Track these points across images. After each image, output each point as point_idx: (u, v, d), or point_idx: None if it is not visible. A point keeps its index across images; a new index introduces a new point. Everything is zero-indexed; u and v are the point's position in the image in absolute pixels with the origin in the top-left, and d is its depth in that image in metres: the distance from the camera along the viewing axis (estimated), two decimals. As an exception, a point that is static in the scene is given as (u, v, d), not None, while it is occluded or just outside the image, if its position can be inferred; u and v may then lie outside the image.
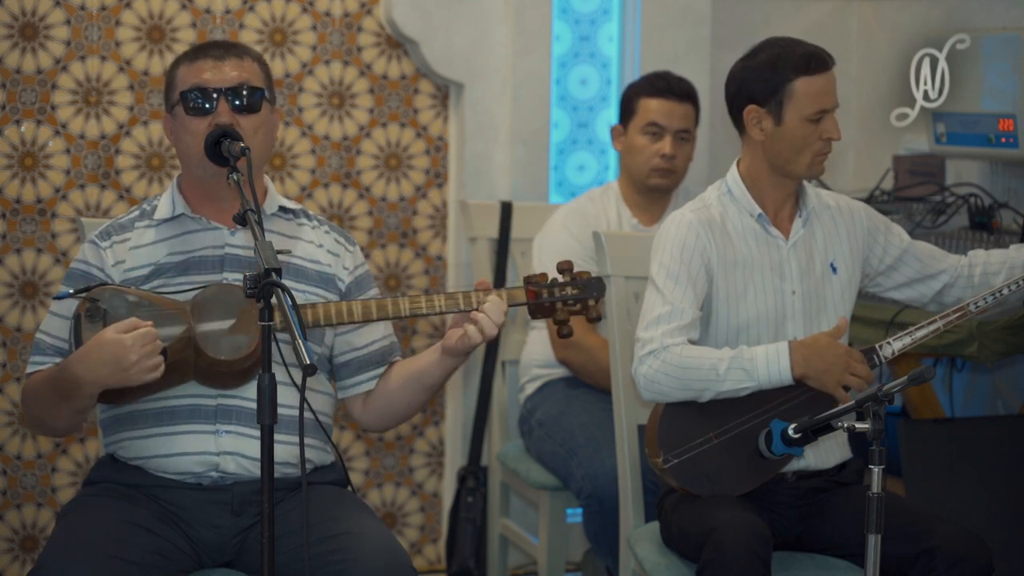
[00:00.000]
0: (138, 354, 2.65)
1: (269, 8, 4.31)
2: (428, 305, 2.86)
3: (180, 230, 2.93)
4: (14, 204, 4.11)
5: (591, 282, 2.93)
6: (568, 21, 4.56)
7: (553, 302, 2.91)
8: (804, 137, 2.98)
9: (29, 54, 4.09)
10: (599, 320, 2.96)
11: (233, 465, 2.83)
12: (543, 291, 2.91)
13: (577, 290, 2.92)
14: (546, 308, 2.92)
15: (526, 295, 2.91)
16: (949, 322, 2.99)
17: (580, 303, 2.92)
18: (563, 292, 2.91)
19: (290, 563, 2.73)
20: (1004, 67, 3.80)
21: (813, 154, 2.99)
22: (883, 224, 3.15)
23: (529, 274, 2.96)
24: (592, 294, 2.92)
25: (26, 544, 4.18)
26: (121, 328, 2.66)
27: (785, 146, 3.00)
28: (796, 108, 2.98)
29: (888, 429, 3.48)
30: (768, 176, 3.05)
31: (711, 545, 2.78)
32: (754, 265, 3.03)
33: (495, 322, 2.84)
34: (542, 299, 2.91)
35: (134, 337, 2.65)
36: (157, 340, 2.67)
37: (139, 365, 2.65)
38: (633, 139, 3.98)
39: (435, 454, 4.60)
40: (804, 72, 2.97)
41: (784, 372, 2.91)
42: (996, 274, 3.12)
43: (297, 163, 4.38)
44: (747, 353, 2.92)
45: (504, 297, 2.88)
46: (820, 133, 2.99)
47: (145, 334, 2.66)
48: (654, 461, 2.96)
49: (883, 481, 2.60)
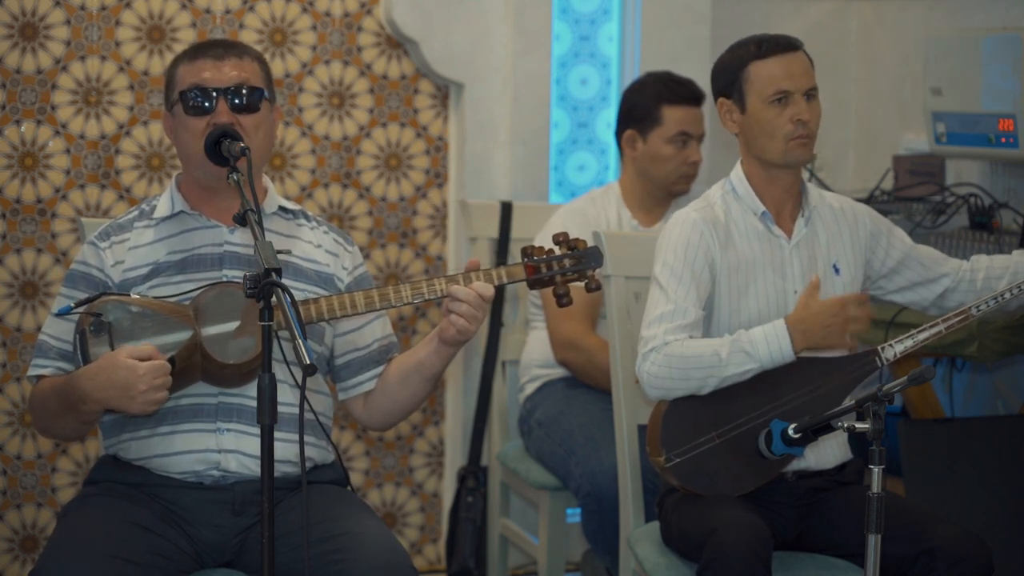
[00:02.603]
0: (147, 385, 2.67)
1: (269, 8, 4.31)
2: (430, 290, 2.85)
3: (179, 228, 2.93)
4: (14, 204, 4.11)
5: (588, 252, 2.93)
6: (568, 21, 4.56)
7: (552, 275, 2.91)
8: (770, 121, 2.99)
9: (29, 54, 4.09)
10: (598, 289, 2.95)
11: (234, 463, 2.83)
12: (541, 266, 2.91)
13: (575, 261, 2.92)
14: (545, 281, 2.92)
15: (525, 271, 2.91)
16: (951, 325, 2.99)
17: (578, 274, 2.92)
18: (561, 265, 2.91)
19: (290, 563, 2.73)
20: (1004, 67, 3.80)
21: (785, 138, 2.99)
22: (886, 227, 3.15)
23: (526, 246, 2.95)
24: (590, 264, 2.93)
25: (26, 544, 4.18)
26: (136, 354, 2.68)
27: (755, 132, 3.01)
28: (755, 92, 3.00)
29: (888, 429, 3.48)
30: (761, 171, 3.05)
31: (712, 545, 2.78)
32: (756, 265, 3.03)
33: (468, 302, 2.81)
34: (541, 274, 2.91)
35: (147, 368, 2.66)
36: (167, 376, 2.69)
37: (144, 396, 2.67)
38: (658, 148, 3.97)
39: (435, 454, 4.60)
40: (757, 56, 3.00)
41: (786, 351, 2.92)
42: (999, 279, 3.12)
43: (297, 163, 4.38)
44: (746, 336, 2.93)
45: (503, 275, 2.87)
46: (788, 115, 2.99)
47: (158, 367, 2.68)
48: (656, 460, 2.96)
49: (883, 481, 2.60)
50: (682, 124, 3.95)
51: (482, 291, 2.83)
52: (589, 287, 2.93)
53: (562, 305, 2.91)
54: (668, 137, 3.97)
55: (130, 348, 2.69)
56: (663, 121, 3.96)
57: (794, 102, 2.99)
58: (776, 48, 3.00)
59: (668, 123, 3.96)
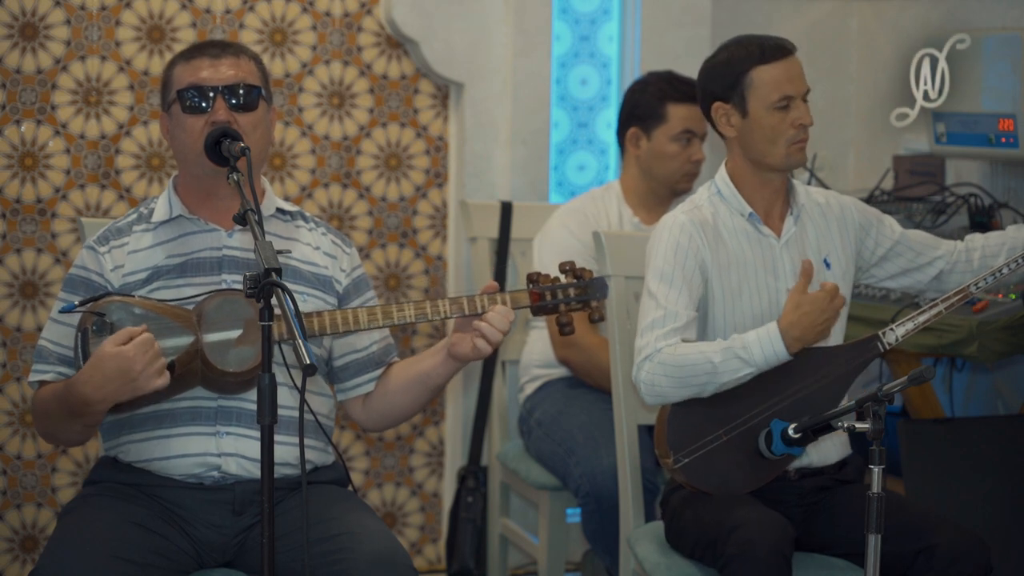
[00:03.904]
0: (142, 363, 2.64)
1: (269, 8, 4.31)
2: (433, 311, 2.86)
3: (178, 232, 2.92)
4: (14, 204, 4.11)
5: (593, 283, 2.93)
6: (568, 21, 4.56)
7: (556, 304, 2.92)
8: (773, 126, 2.99)
9: (29, 54, 4.09)
10: (602, 320, 2.97)
11: (234, 466, 2.83)
12: (546, 294, 2.92)
13: (580, 291, 2.92)
14: (549, 309, 2.92)
15: (529, 298, 2.91)
16: (951, 304, 2.98)
17: (583, 304, 2.93)
18: (566, 294, 2.92)
19: (290, 563, 2.73)
20: (1004, 67, 3.80)
21: (787, 143, 3.00)
22: (875, 217, 3.15)
23: (531, 271, 2.95)
24: (595, 295, 2.93)
25: (26, 544, 4.18)
26: (118, 340, 2.65)
27: (757, 138, 3.01)
28: (758, 98, 2.99)
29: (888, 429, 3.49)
30: (752, 173, 3.05)
31: (736, 542, 2.78)
32: (747, 265, 3.03)
33: (500, 330, 2.84)
34: (545, 302, 2.92)
35: (135, 347, 2.64)
36: (156, 345, 2.66)
37: (145, 373, 2.65)
38: (662, 146, 3.98)
39: (435, 454, 4.60)
40: (760, 61, 2.99)
41: (780, 353, 2.91)
42: (996, 256, 3.12)
43: (297, 163, 4.38)
44: (739, 341, 2.92)
45: (507, 300, 2.88)
46: (790, 120, 2.99)
47: (144, 341, 2.65)
48: (664, 462, 2.96)
49: (883, 481, 2.60)
50: (686, 122, 3.96)
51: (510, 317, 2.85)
52: (592, 318, 2.94)
53: (564, 334, 2.92)
54: (673, 135, 3.97)
55: (110, 338, 2.66)
56: (668, 118, 3.96)
57: (795, 107, 3.00)
58: (778, 53, 3.00)
59: (673, 120, 3.96)
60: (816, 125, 3.03)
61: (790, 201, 3.09)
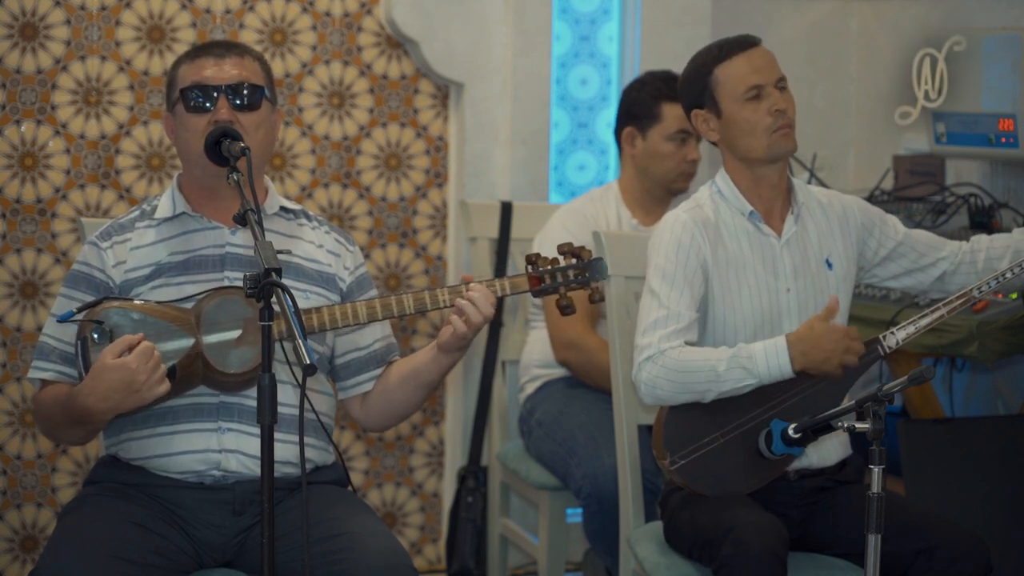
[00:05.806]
0: (145, 373, 2.65)
1: (269, 8, 4.31)
2: (432, 300, 2.87)
3: (180, 229, 2.93)
4: (14, 204, 4.11)
5: (592, 263, 2.94)
6: (568, 21, 4.56)
7: (556, 286, 2.92)
8: (748, 119, 2.99)
9: (29, 54, 4.09)
10: (601, 300, 2.97)
11: (235, 463, 2.83)
12: (545, 276, 2.92)
13: (579, 272, 2.93)
14: (549, 290, 2.93)
15: (529, 282, 2.92)
16: (953, 308, 2.97)
17: (582, 285, 2.93)
18: (565, 276, 2.92)
19: (290, 563, 2.73)
20: (1004, 67, 3.80)
21: (766, 132, 2.99)
22: (878, 217, 3.14)
23: (530, 253, 2.96)
24: (594, 275, 2.94)
25: (26, 544, 4.18)
26: (117, 350, 2.66)
27: (736, 133, 3.01)
28: (726, 94, 3.00)
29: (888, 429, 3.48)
30: (746, 172, 3.05)
31: (731, 543, 2.78)
32: (747, 264, 3.03)
33: (482, 311, 2.83)
34: (544, 284, 2.92)
35: (136, 358, 2.65)
36: (156, 353, 2.67)
37: (148, 383, 2.66)
38: (658, 145, 3.98)
39: (435, 454, 4.60)
40: (720, 59, 3.01)
41: (785, 368, 2.91)
42: (1000, 259, 3.11)
43: (297, 163, 4.38)
44: (745, 351, 2.92)
45: (506, 286, 2.89)
46: (765, 109, 2.99)
47: (144, 351, 2.66)
48: (661, 462, 2.96)
49: (883, 481, 2.60)
50: (681, 121, 3.95)
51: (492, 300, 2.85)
52: (592, 298, 2.94)
53: (565, 315, 2.93)
54: (668, 134, 3.97)
55: (109, 348, 2.67)
56: (663, 118, 3.96)
57: (767, 95, 2.99)
58: (736, 47, 3.01)
59: (668, 120, 3.96)
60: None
61: (791, 200, 3.09)
